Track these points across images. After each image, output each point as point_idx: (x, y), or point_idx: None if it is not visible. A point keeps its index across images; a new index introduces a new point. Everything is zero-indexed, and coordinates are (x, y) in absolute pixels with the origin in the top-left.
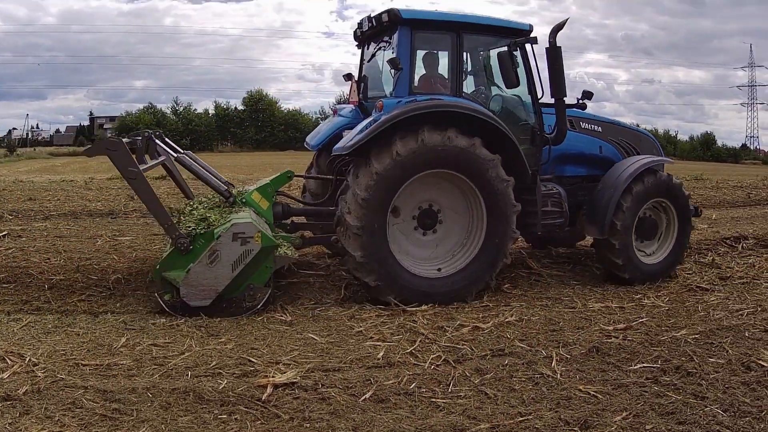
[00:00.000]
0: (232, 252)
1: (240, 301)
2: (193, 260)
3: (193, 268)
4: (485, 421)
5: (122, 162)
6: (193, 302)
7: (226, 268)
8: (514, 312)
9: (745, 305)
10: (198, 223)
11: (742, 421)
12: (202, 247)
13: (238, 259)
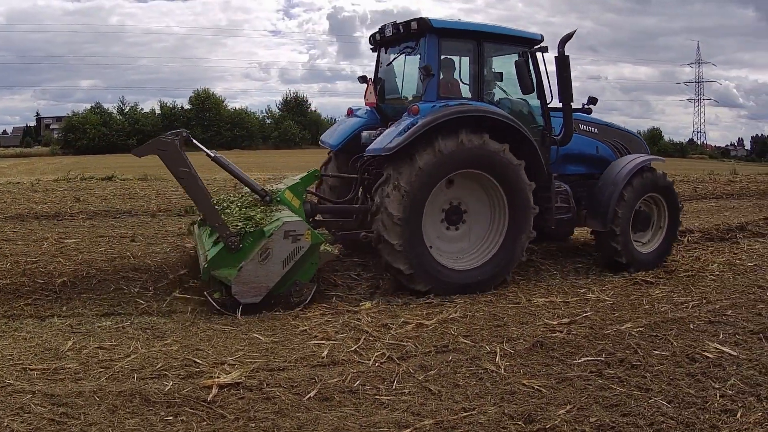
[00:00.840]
0: (283, 249)
1: (287, 297)
2: (242, 258)
3: (245, 266)
4: (429, 417)
5: (173, 161)
6: (245, 299)
7: (277, 265)
8: (458, 308)
9: (690, 298)
10: (245, 221)
11: (686, 411)
12: (251, 245)
13: (289, 256)
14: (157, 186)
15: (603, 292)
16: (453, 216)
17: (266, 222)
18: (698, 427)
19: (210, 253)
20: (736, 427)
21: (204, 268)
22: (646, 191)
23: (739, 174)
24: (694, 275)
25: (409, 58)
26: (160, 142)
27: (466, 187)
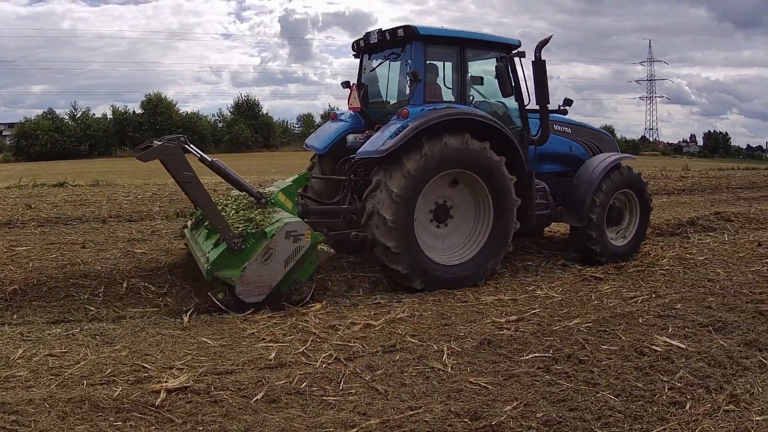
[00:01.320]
0: (285, 249)
1: (288, 296)
2: (244, 259)
3: (248, 267)
4: (375, 416)
5: (178, 166)
6: (249, 299)
7: (279, 265)
8: (406, 308)
9: (639, 292)
10: (246, 223)
11: (634, 405)
12: (253, 246)
13: (290, 255)
14: (108, 192)
15: (552, 289)
16: (441, 214)
17: (267, 223)
18: (646, 419)
19: (212, 255)
20: (685, 419)
21: (207, 269)
22: (619, 188)
23: (690, 170)
24: (644, 270)
25: (393, 64)
26: (164, 148)
27: (453, 187)
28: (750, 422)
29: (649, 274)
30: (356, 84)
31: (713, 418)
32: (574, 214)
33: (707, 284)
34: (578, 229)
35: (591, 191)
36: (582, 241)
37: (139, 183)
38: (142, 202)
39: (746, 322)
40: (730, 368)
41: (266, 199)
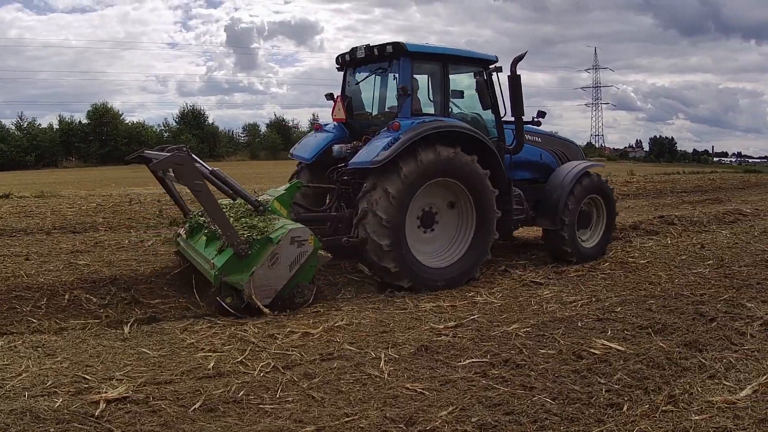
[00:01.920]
0: (290, 254)
1: (291, 299)
2: (251, 264)
3: (256, 271)
4: (311, 423)
5: (189, 175)
6: (258, 302)
7: (284, 269)
8: (345, 316)
9: (579, 297)
10: (249, 230)
11: (571, 407)
12: (259, 251)
13: (295, 260)
14: (53, 203)
15: (492, 294)
16: (427, 220)
17: (270, 230)
18: (583, 422)
19: (218, 261)
20: (622, 421)
21: (215, 275)
22: (588, 193)
23: (635, 174)
24: (585, 274)
25: (378, 78)
26: (177, 157)
27: (437, 195)
28: (688, 422)
29: (590, 278)
30: (340, 96)
31: (651, 418)
32: (548, 217)
33: (648, 287)
34: (552, 232)
35: (564, 196)
36: (555, 243)
37: (84, 194)
38: (87, 213)
39: (686, 323)
40: (669, 369)
41: (264, 207)
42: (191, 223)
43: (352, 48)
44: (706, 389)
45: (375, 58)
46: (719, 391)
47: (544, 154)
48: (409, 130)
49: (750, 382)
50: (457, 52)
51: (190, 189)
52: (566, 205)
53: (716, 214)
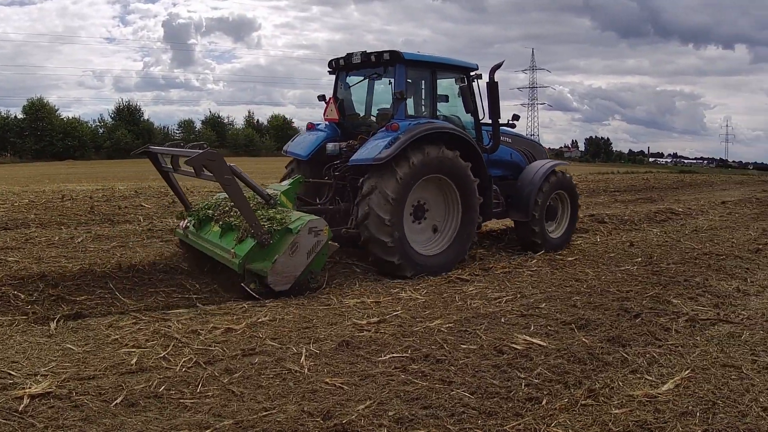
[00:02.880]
0: (307, 243)
1: (306, 284)
2: (273, 253)
3: (278, 259)
4: (230, 417)
5: (220, 170)
6: (278, 287)
7: (302, 257)
8: (268, 312)
9: (504, 293)
10: (269, 222)
11: (489, 401)
12: (279, 241)
13: (312, 248)
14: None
15: (416, 291)
16: (418, 212)
17: (288, 221)
18: (501, 415)
19: (239, 250)
20: (541, 414)
21: (238, 263)
22: (555, 189)
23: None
24: (511, 271)
25: (372, 82)
26: (209, 154)
27: (427, 189)
28: (608, 415)
29: (516, 275)
30: (333, 98)
31: (570, 412)
32: (520, 211)
33: (574, 284)
34: (523, 224)
35: (534, 192)
36: (526, 234)
37: (17, 190)
38: (19, 209)
39: (610, 319)
40: (590, 364)
41: (275, 201)
42: (199, 216)
43: (347, 54)
44: (627, 384)
45: (370, 64)
46: (641, 385)
47: (513, 153)
48: (407, 130)
49: (672, 376)
50: (444, 60)
51: (220, 183)
52: (536, 200)
53: (648, 213)
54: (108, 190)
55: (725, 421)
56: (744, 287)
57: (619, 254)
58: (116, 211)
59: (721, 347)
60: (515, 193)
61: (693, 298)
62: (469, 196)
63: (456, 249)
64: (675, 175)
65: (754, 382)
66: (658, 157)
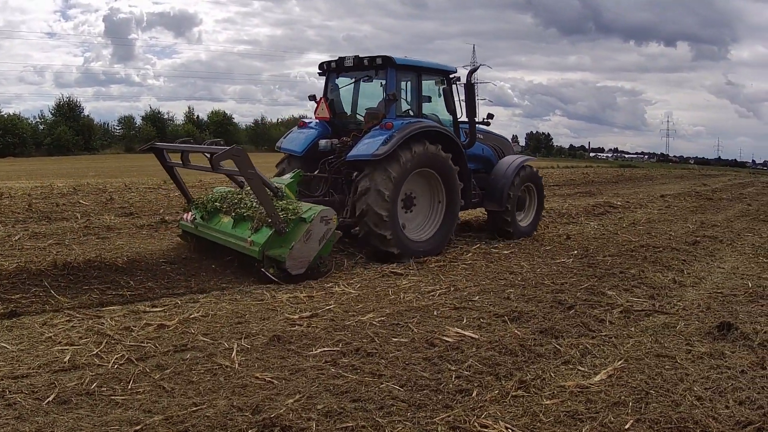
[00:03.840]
0: (319, 231)
1: (317, 268)
2: (289, 240)
3: (295, 246)
4: (160, 413)
5: (244, 165)
6: (294, 271)
7: (315, 243)
8: (201, 308)
9: (438, 286)
10: (282, 212)
11: (419, 394)
12: (294, 229)
13: (323, 235)
14: None
15: (350, 285)
16: (408, 203)
17: (301, 211)
18: (431, 407)
19: (257, 238)
20: (471, 406)
21: (258, 250)
22: (524, 182)
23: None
24: (446, 265)
25: (364, 85)
26: (235, 149)
27: (415, 182)
28: (538, 406)
29: (451, 269)
30: (324, 97)
31: (501, 403)
32: (494, 201)
33: (509, 276)
34: (496, 213)
35: (507, 185)
36: (499, 223)
37: None
38: None
39: (543, 311)
40: (522, 356)
41: (282, 193)
42: (208, 209)
43: (339, 57)
44: (559, 375)
45: (362, 67)
46: (573, 376)
47: (485, 148)
48: (401, 128)
49: (605, 367)
50: (428, 65)
51: (244, 176)
52: (509, 192)
53: (586, 206)
54: (47, 187)
55: (658, 411)
56: (680, 279)
57: (555, 247)
58: (54, 208)
59: (656, 338)
60: (489, 185)
61: (628, 289)
62: (452, 187)
63: (443, 233)
64: (615, 169)
65: (688, 371)
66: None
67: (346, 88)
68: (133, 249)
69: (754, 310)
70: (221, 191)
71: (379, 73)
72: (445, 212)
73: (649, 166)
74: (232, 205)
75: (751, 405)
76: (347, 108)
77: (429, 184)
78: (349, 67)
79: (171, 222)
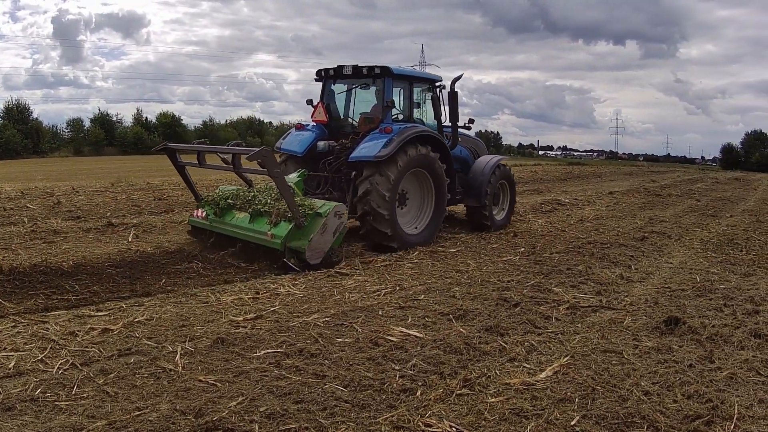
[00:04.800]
0: (333, 224)
1: (330, 258)
2: (306, 233)
3: (314, 238)
4: (103, 418)
5: (272, 165)
6: (312, 261)
7: (329, 236)
8: (146, 311)
9: (384, 286)
10: (301, 208)
11: (362, 394)
12: (311, 223)
13: (336, 228)
14: None
15: (295, 286)
16: (402, 200)
17: (316, 207)
18: (374, 407)
19: (278, 231)
20: (415, 405)
21: (280, 242)
22: (500, 179)
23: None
24: (392, 264)
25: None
26: (264, 151)
27: (407, 180)
28: (483, 404)
29: (397, 268)
30: (321, 102)
31: (445, 402)
32: (473, 198)
33: (455, 275)
34: (475, 209)
35: (485, 182)
36: (478, 217)
37: None
38: None
39: (489, 309)
40: (467, 354)
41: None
42: (221, 205)
43: (338, 65)
44: (504, 372)
45: (360, 75)
46: (518, 373)
47: (463, 150)
48: (399, 132)
49: (551, 363)
50: (419, 74)
51: (271, 175)
52: (486, 189)
53: (534, 204)
54: None
55: (605, 406)
56: (628, 274)
57: (503, 245)
58: (1, 212)
59: (602, 333)
60: (468, 183)
61: (575, 286)
62: (440, 184)
63: (433, 226)
64: (564, 167)
65: (635, 366)
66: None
67: (340, 94)
68: (79, 253)
69: (702, 304)
70: (228, 189)
71: (376, 82)
72: (434, 207)
73: (598, 164)
74: (246, 201)
75: (699, 398)
76: (342, 112)
77: (420, 182)
78: (347, 74)
79: (118, 225)
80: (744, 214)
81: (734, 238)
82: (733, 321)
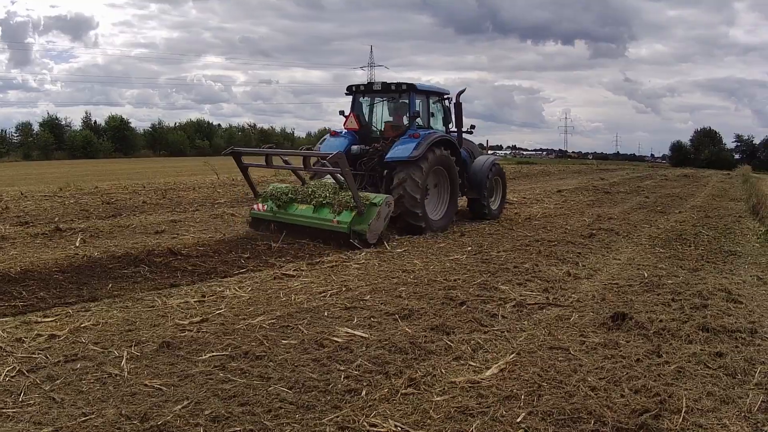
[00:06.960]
0: (385, 211)
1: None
2: (367, 218)
3: (373, 222)
4: (50, 425)
5: (343, 164)
6: (371, 241)
7: (382, 221)
8: (92, 316)
9: (330, 287)
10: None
11: (307, 395)
12: (368, 211)
13: (386, 215)
14: None
15: (241, 288)
16: (425, 192)
17: (370, 198)
18: (319, 409)
19: (343, 218)
20: (360, 405)
21: (346, 227)
22: (495, 175)
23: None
24: (338, 265)
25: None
26: (339, 154)
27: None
28: (429, 403)
29: (343, 269)
30: (353, 112)
31: (390, 402)
32: (474, 191)
33: (401, 275)
34: (476, 200)
35: (485, 178)
36: (478, 208)
37: None
38: None
39: (435, 308)
40: (412, 353)
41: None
42: (282, 200)
43: (368, 82)
44: (450, 371)
45: (389, 91)
46: (464, 371)
47: (462, 152)
48: (425, 137)
49: (497, 361)
50: (434, 88)
51: (344, 175)
52: (486, 183)
53: None
54: None
55: (551, 402)
56: (575, 271)
57: (449, 244)
58: None
59: (549, 330)
60: (469, 179)
61: (522, 283)
62: (454, 180)
63: (449, 214)
64: (513, 166)
65: (582, 362)
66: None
67: (366, 106)
68: (27, 259)
69: (649, 300)
70: (281, 186)
71: (402, 96)
72: (449, 199)
73: (547, 162)
74: (307, 195)
75: (647, 393)
76: (376, 122)
77: (438, 178)
78: (376, 90)
79: (65, 230)
80: (693, 210)
81: (682, 233)
82: (681, 315)
